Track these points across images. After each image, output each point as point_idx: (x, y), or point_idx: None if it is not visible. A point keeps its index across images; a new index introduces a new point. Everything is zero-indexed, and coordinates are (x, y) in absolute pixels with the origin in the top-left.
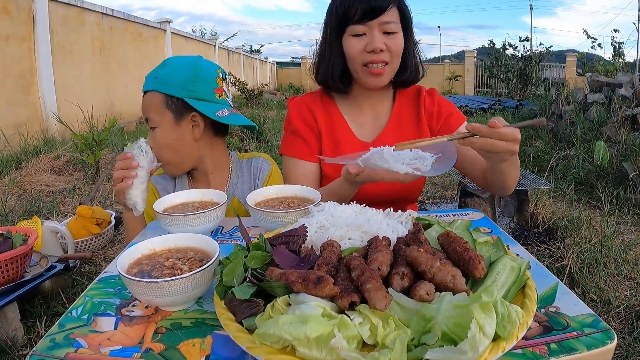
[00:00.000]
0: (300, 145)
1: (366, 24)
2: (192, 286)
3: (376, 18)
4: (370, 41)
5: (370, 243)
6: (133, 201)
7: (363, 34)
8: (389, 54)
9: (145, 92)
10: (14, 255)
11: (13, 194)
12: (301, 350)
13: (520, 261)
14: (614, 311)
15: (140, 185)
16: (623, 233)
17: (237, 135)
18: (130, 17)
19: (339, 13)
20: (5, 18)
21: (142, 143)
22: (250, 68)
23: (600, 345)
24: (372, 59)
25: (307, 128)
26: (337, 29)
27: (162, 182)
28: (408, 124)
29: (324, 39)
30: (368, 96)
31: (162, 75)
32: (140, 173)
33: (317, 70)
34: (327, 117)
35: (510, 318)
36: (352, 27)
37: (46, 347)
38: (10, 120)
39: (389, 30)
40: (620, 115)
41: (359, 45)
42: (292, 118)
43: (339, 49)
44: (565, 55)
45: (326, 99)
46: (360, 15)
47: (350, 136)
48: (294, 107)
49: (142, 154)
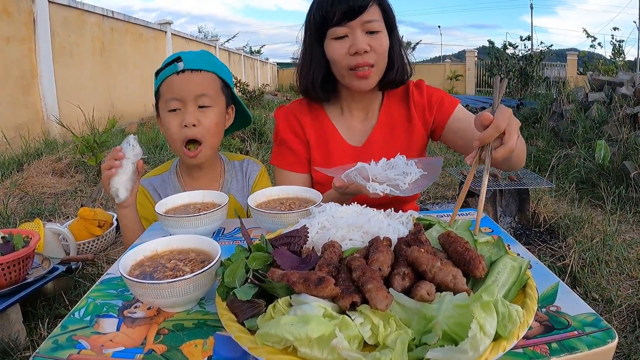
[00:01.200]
0: (289, 157)
1: (347, 25)
2: (194, 287)
3: (357, 18)
4: (354, 42)
5: (371, 243)
6: (115, 188)
7: (345, 36)
8: (374, 55)
9: (195, 69)
10: (15, 257)
11: (15, 196)
12: (302, 351)
13: (520, 261)
14: (616, 310)
15: (124, 174)
16: (625, 232)
17: (238, 137)
18: (131, 19)
19: (318, 18)
20: (6, 19)
21: (130, 138)
22: (251, 69)
23: (602, 345)
24: (357, 62)
25: (295, 139)
26: (317, 34)
27: (153, 184)
28: (399, 123)
29: (304, 46)
30: (356, 100)
31: (215, 61)
32: (125, 163)
33: (298, 80)
34: (316, 125)
35: (511, 317)
36: (333, 30)
37: (49, 348)
38: (11, 122)
39: (372, 29)
40: (621, 113)
41: (342, 48)
42: (280, 129)
43: (320, 55)
44: (566, 54)
45: (314, 105)
46: (340, 16)
47: (339, 142)
48: (282, 118)
49: (129, 147)
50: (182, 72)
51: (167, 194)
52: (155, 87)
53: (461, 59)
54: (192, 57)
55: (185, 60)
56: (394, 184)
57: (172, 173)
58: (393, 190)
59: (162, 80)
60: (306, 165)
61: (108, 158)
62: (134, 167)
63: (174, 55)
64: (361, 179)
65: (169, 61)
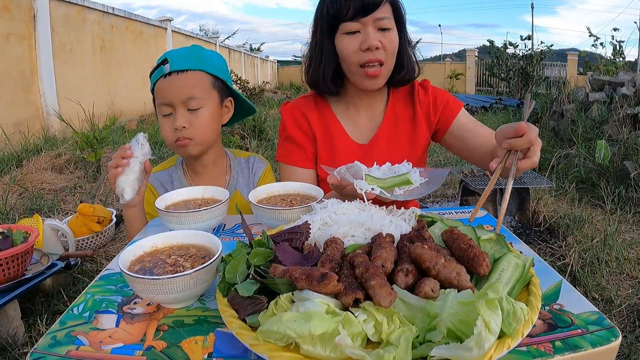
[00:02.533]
0: (296, 152)
1: (360, 21)
2: (194, 283)
3: (370, 14)
4: (365, 38)
5: (374, 240)
6: (121, 188)
7: (357, 32)
8: (384, 53)
9: (181, 70)
10: (14, 253)
11: (14, 192)
12: (305, 348)
13: (524, 258)
14: (616, 310)
15: (131, 174)
16: (625, 232)
17: (238, 134)
18: (131, 16)
19: (331, 12)
20: (6, 17)
21: (139, 137)
22: (251, 67)
23: (605, 343)
24: (368, 58)
25: (301, 134)
26: (328, 28)
27: (159, 179)
28: (403, 121)
29: (314, 39)
30: (363, 97)
31: (204, 57)
32: (133, 162)
33: (307, 72)
34: (322, 121)
35: (515, 315)
36: (345, 25)
37: (47, 344)
38: (11, 119)
39: (383, 27)
40: (622, 114)
41: (353, 43)
42: (286, 124)
43: (331, 50)
44: (567, 54)
45: (320, 101)
46: (354, 12)
47: (345, 139)
48: (287, 113)
49: (138, 146)
50: (168, 74)
51: (174, 189)
52: (150, 88)
53: (461, 58)
54: (179, 56)
55: (171, 62)
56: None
57: (178, 168)
58: (383, 192)
59: (153, 83)
60: (313, 161)
61: (115, 156)
62: (142, 167)
63: (163, 56)
64: (350, 176)
65: (159, 62)
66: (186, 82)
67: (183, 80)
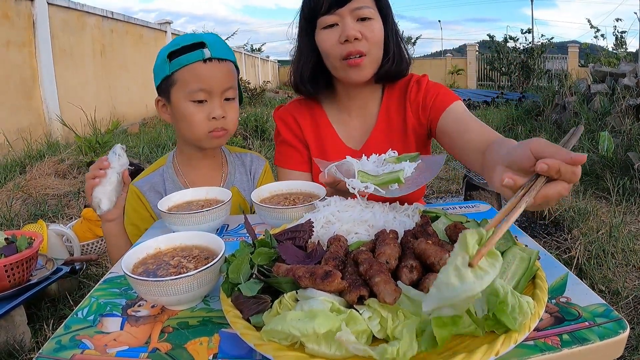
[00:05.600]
0: (293, 154)
1: (336, 13)
2: (198, 284)
3: (346, 5)
4: (343, 29)
5: (378, 237)
6: (98, 198)
7: (335, 25)
8: (366, 44)
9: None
10: (19, 258)
11: (18, 199)
12: (310, 346)
13: (529, 251)
14: (623, 302)
15: (108, 185)
16: (630, 223)
17: (240, 134)
18: (131, 19)
19: (307, 9)
20: (6, 24)
21: (117, 148)
22: (252, 67)
23: (613, 335)
24: (348, 51)
25: (295, 138)
26: (307, 25)
27: (150, 181)
28: (395, 125)
29: (297, 40)
30: (354, 97)
31: (231, 50)
32: (110, 173)
33: (290, 76)
34: (314, 125)
35: (521, 309)
36: (322, 19)
37: (52, 349)
38: (13, 126)
39: (363, 16)
40: (624, 105)
41: (332, 36)
42: (280, 129)
43: (310, 48)
44: (567, 46)
45: (313, 105)
46: (329, 4)
47: (337, 144)
48: (280, 119)
49: (115, 157)
50: (209, 60)
51: (167, 190)
52: (169, 71)
53: (462, 53)
54: (216, 42)
55: (210, 47)
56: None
57: (169, 167)
58: (378, 189)
59: (182, 65)
60: (309, 164)
61: (92, 167)
62: (120, 178)
63: (192, 38)
64: (340, 175)
65: (188, 44)
66: (227, 71)
67: (225, 69)
